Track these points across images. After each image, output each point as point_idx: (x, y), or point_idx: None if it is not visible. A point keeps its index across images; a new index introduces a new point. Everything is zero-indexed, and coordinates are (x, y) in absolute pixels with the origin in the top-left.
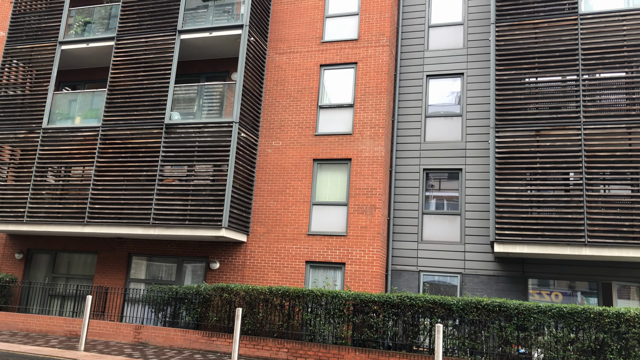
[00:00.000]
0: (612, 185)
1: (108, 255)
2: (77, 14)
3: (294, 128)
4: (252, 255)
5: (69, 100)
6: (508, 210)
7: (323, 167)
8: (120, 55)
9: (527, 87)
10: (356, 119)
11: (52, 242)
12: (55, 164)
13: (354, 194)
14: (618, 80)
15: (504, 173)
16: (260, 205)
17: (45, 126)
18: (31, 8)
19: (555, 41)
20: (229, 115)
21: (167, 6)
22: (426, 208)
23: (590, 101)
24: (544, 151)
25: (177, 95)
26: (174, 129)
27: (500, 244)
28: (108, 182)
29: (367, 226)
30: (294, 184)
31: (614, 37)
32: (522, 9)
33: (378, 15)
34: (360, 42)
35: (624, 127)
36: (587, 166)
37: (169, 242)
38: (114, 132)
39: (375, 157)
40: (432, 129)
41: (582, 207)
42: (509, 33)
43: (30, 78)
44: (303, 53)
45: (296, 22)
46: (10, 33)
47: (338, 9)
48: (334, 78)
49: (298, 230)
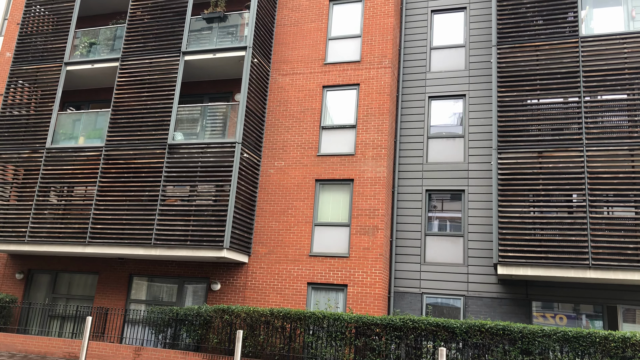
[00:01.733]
0: (615, 207)
1: (109, 276)
2: (82, 35)
3: (296, 148)
4: (253, 277)
5: (73, 120)
6: (511, 232)
7: (325, 187)
8: (125, 76)
9: (529, 108)
10: (358, 139)
11: (53, 262)
12: (58, 184)
13: (356, 215)
14: (620, 102)
15: (506, 194)
16: (262, 226)
17: (48, 146)
18: (38, 30)
19: (557, 63)
20: (231, 136)
21: (172, 28)
22: (429, 229)
23: (593, 123)
24: (547, 172)
25: (181, 115)
26: (177, 149)
27: (503, 266)
28: (110, 202)
29: (369, 247)
30: (296, 205)
31: (615, 59)
32: (523, 32)
33: (380, 38)
34: (362, 64)
35: (627, 149)
36: (590, 188)
37: (170, 263)
38: (117, 152)
39: (378, 178)
40: (435, 149)
41: (585, 229)
42: (511, 55)
43: (35, 98)
44: (306, 74)
45: (299, 44)
46: (16, 54)
47: (340, 32)
48: (337, 99)
49: (300, 251)
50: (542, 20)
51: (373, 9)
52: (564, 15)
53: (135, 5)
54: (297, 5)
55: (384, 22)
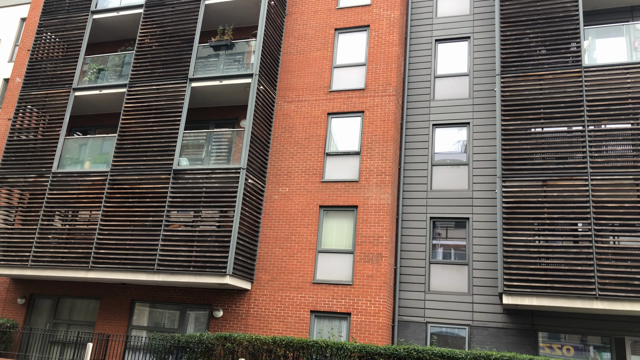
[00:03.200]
0: (621, 236)
1: (111, 301)
2: (91, 62)
3: (300, 175)
4: (256, 304)
5: (79, 145)
6: (516, 261)
7: (329, 214)
8: (132, 102)
9: (533, 137)
10: (363, 166)
11: (55, 287)
12: (63, 208)
13: (360, 242)
14: (624, 131)
15: (511, 223)
16: (266, 252)
17: (55, 170)
18: (48, 56)
19: (560, 92)
20: (236, 162)
21: (179, 55)
22: (433, 257)
23: (597, 152)
24: (552, 201)
25: (186, 141)
26: (182, 174)
27: (508, 296)
28: (114, 227)
29: (373, 275)
30: (299, 231)
31: (618, 89)
32: (526, 61)
33: (385, 66)
34: (367, 92)
35: (632, 179)
36: (595, 217)
37: (173, 289)
38: (123, 177)
39: (382, 205)
40: (439, 177)
41: (592, 259)
42: (514, 84)
43: (43, 123)
44: (311, 101)
45: (305, 71)
46: (26, 79)
47: (346, 60)
48: (341, 126)
49: (303, 279)
50: (546, 50)
51: (378, 38)
52: (567, 45)
53: (143, 33)
54: (303, 34)
55: (388, 51)
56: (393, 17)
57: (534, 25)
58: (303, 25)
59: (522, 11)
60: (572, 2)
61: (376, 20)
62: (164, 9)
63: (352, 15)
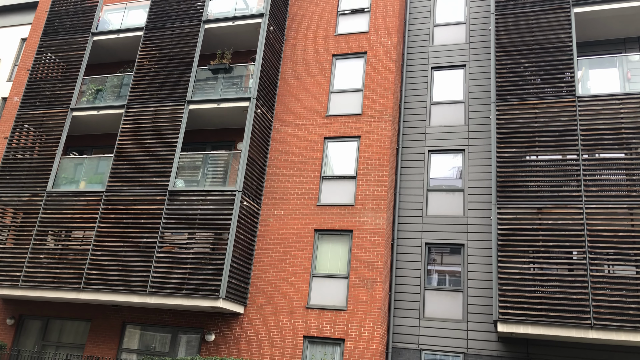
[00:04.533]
0: (616, 265)
1: (102, 323)
2: (90, 82)
3: (296, 198)
4: (248, 328)
5: (75, 165)
6: (511, 289)
7: (324, 237)
8: (129, 123)
9: (528, 164)
10: (358, 190)
11: (45, 308)
12: (56, 228)
13: (355, 267)
14: (618, 161)
15: (506, 250)
16: (259, 276)
17: (49, 190)
18: (47, 76)
19: (555, 121)
20: (232, 184)
21: (178, 77)
22: (428, 283)
23: (591, 180)
24: (547, 229)
25: (182, 162)
26: (177, 196)
27: (503, 324)
28: (107, 248)
29: (367, 301)
30: (294, 255)
31: (612, 119)
32: (521, 90)
33: (381, 92)
34: (363, 117)
35: (626, 208)
36: (590, 245)
37: (165, 312)
38: (118, 197)
39: (377, 230)
40: (434, 203)
41: (587, 288)
42: (509, 112)
43: (39, 142)
44: (308, 125)
45: (302, 96)
46: (24, 99)
47: (343, 85)
48: (338, 150)
49: (297, 303)
50: (540, 79)
51: (375, 65)
52: (561, 75)
53: (143, 55)
54: (301, 60)
55: (385, 77)
56: (390, 44)
57: (529, 55)
58: (301, 50)
59: (517, 41)
60: (566, 33)
61: (373, 47)
62: (164, 32)
63: (350, 42)
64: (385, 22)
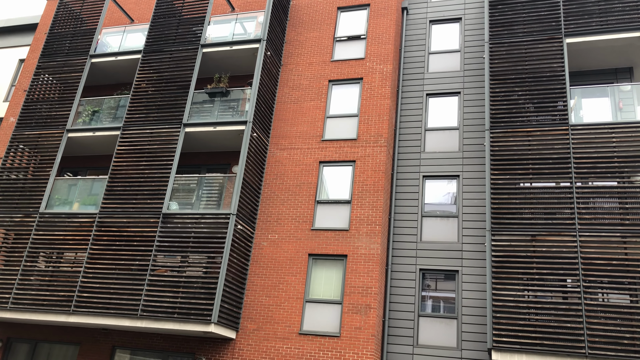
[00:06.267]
0: (610, 293)
1: (91, 347)
2: (87, 104)
3: (290, 222)
4: (240, 354)
5: (69, 185)
6: (506, 316)
7: (318, 262)
8: (125, 145)
9: (522, 192)
10: (353, 215)
11: (34, 331)
12: (48, 249)
13: (349, 292)
14: (611, 189)
15: (500, 277)
16: (252, 300)
17: (42, 211)
18: (44, 97)
19: (548, 149)
20: (227, 207)
21: (175, 100)
22: (422, 310)
23: (585, 208)
24: (541, 256)
25: (177, 185)
26: (171, 218)
27: (498, 352)
28: (99, 270)
29: (361, 327)
30: (287, 279)
31: (604, 147)
32: (515, 117)
33: (377, 118)
34: (359, 142)
35: (619, 236)
36: (584, 273)
37: (155, 336)
38: (111, 219)
39: (372, 255)
40: (429, 228)
41: (581, 316)
42: (503, 139)
43: (34, 163)
44: (303, 150)
45: (298, 120)
46: (20, 119)
47: (338, 110)
48: (333, 174)
49: (290, 329)
50: (534, 107)
51: (370, 91)
52: (554, 103)
53: (140, 78)
54: (298, 85)
55: (380, 103)
56: (386, 71)
57: (523, 83)
58: (298, 75)
59: (510, 69)
60: (559, 63)
61: (369, 74)
62: (161, 55)
63: (346, 68)
64: (381, 49)
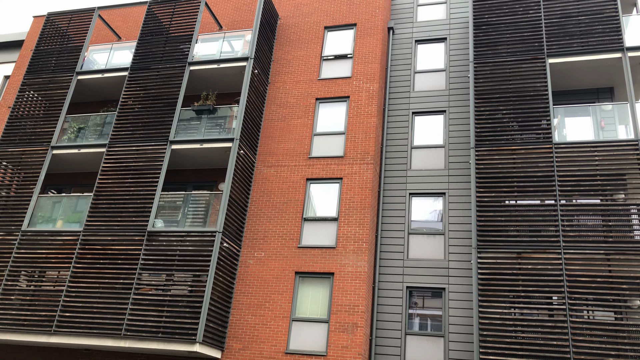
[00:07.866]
0: (595, 310)
1: None
2: (72, 121)
3: (277, 239)
4: None
5: (52, 203)
6: (492, 334)
7: (305, 280)
8: (111, 162)
9: (507, 209)
10: (340, 232)
11: (14, 352)
12: (30, 268)
13: (336, 311)
14: (594, 207)
15: (486, 294)
16: (238, 319)
17: (24, 228)
18: (28, 113)
19: (533, 167)
20: (213, 224)
21: (161, 117)
22: (409, 328)
23: (569, 226)
24: (526, 274)
25: (163, 202)
26: (156, 236)
27: None
28: (82, 289)
29: (348, 346)
30: (274, 298)
31: (587, 165)
32: (499, 135)
33: (363, 135)
34: (346, 159)
35: (603, 253)
36: (569, 290)
37: (139, 356)
38: (95, 237)
39: (359, 273)
40: (415, 246)
41: (567, 333)
42: (488, 157)
43: (17, 180)
44: (290, 167)
45: (285, 138)
46: (4, 136)
47: (326, 128)
48: (320, 192)
49: (276, 348)
50: (518, 126)
51: (357, 109)
52: (538, 122)
53: (127, 95)
54: (285, 102)
55: (367, 121)
56: (372, 89)
57: (507, 102)
58: (285, 93)
59: (495, 88)
60: (542, 83)
61: (356, 92)
62: (148, 72)
63: (333, 86)
64: (367, 68)
